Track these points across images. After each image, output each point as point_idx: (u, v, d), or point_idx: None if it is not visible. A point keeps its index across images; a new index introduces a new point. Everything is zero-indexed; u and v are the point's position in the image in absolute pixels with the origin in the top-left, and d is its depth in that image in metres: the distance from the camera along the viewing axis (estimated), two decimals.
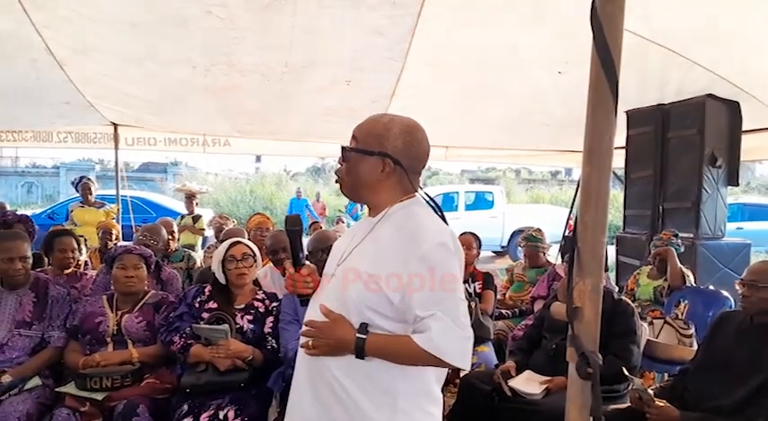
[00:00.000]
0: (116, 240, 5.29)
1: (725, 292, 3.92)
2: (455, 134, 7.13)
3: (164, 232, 4.59)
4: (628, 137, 5.61)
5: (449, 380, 3.37)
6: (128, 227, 7.28)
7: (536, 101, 5.48)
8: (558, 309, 3.18)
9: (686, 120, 4.98)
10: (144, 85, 5.51)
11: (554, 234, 7.77)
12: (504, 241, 13.44)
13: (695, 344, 3.46)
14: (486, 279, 4.30)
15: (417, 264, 1.45)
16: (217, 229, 6.30)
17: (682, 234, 4.55)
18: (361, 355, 1.48)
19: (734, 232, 6.54)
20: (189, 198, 7.74)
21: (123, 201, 7.79)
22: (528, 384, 2.97)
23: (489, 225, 13.12)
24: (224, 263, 3.03)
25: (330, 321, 1.54)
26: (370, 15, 3.74)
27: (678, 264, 4.19)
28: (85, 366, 2.83)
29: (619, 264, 5.93)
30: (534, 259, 5.06)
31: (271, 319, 3.00)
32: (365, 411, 1.49)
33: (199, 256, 5.57)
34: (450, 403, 3.19)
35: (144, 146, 7.60)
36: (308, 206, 15.18)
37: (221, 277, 3.04)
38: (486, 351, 3.86)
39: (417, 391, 1.54)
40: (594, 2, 1.44)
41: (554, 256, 4.87)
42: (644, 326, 3.42)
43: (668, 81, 4.69)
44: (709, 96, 4.73)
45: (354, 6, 3.63)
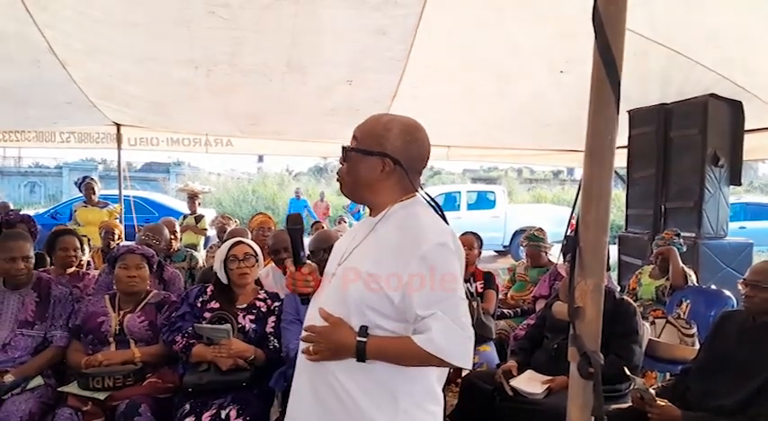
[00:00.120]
0: (119, 240, 5.30)
1: (727, 292, 3.91)
2: (457, 133, 7.11)
3: (166, 232, 4.60)
4: (630, 136, 5.60)
5: (450, 380, 3.37)
6: (130, 227, 7.28)
7: (538, 100, 5.47)
8: (560, 308, 3.18)
9: (688, 120, 4.98)
10: (146, 86, 5.52)
11: (556, 233, 7.78)
12: (506, 241, 13.43)
13: (697, 344, 3.46)
14: (487, 278, 4.30)
15: (418, 263, 1.45)
16: (219, 229, 6.30)
17: (684, 233, 4.54)
18: (362, 358, 1.48)
19: (736, 231, 6.51)
20: (191, 198, 7.74)
21: (126, 201, 7.81)
22: (529, 384, 2.97)
23: (491, 224, 13.11)
24: (226, 262, 3.03)
25: (330, 325, 1.53)
26: (371, 15, 3.74)
27: (680, 263, 4.19)
28: (88, 366, 2.84)
29: (621, 263, 5.92)
30: (536, 259, 5.06)
31: (272, 319, 3.00)
32: (366, 411, 1.49)
33: (201, 256, 5.58)
34: (452, 403, 3.20)
35: (146, 146, 7.63)
36: (306, 207, 15.09)
37: (223, 277, 3.04)
38: (488, 350, 3.87)
39: (419, 391, 1.53)
40: (596, 1, 1.43)
41: (556, 256, 4.86)
42: (646, 325, 3.41)
43: (670, 80, 4.68)
44: (712, 96, 4.72)
45: (356, 6, 3.63)
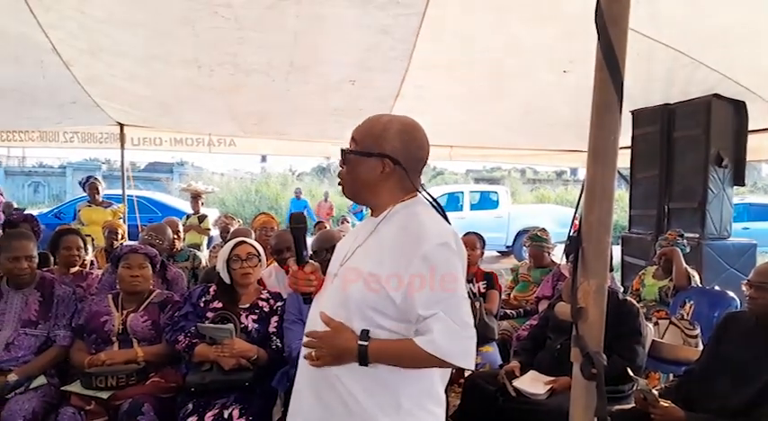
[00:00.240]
0: (122, 240, 5.30)
1: (731, 293, 3.90)
2: (460, 133, 7.12)
3: (169, 232, 4.60)
4: (633, 136, 5.60)
5: (453, 380, 3.37)
6: (134, 226, 7.30)
7: (541, 100, 5.47)
8: (563, 309, 3.18)
9: (692, 120, 4.97)
10: (150, 85, 5.53)
11: (559, 234, 7.75)
12: (509, 241, 13.41)
13: (700, 345, 3.45)
14: (490, 279, 4.30)
15: (419, 263, 1.45)
16: (222, 229, 6.31)
17: (687, 234, 4.54)
18: (364, 362, 1.48)
19: (740, 232, 6.50)
20: (194, 198, 7.75)
21: (129, 201, 7.83)
22: (532, 384, 2.97)
23: (494, 225, 13.10)
24: (229, 262, 3.03)
25: (331, 330, 1.53)
26: (374, 15, 3.74)
27: (684, 264, 4.18)
28: (91, 365, 2.84)
29: (624, 264, 5.91)
30: (539, 259, 5.05)
31: (275, 319, 3.00)
32: (368, 411, 1.49)
33: (204, 256, 5.59)
34: (455, 403, 3.20)
35: (150, 146, 7.64)
36: (306, 207, 15.09)
37: (226, 277, 3.04)
38: (491, 351, 3.87)
39: (421, 391, 1.53)
40: (599, 1, 1.43)
41: (559, 256, 4.85)
42: (649, 326, 3.40)
43: (674, 80, 4.67)
44: (715, 96, 4.72)
45: (359, 6, 3.63)
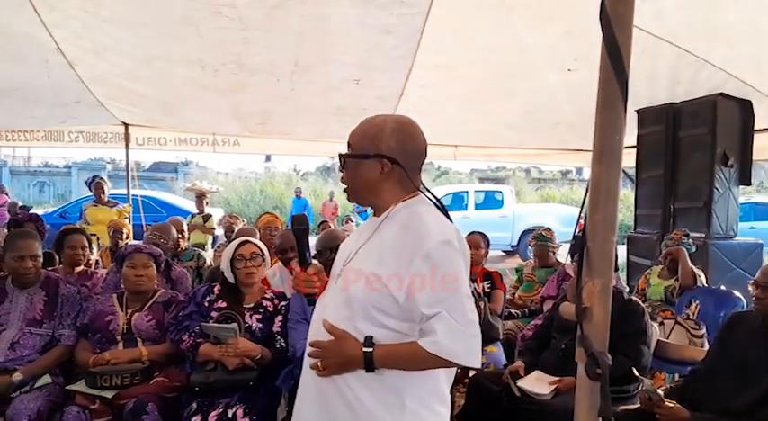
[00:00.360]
0: (127, 239, 5.33)
1: (736, 293, 3.89)
2: (464, 133, 7.10)
3: (174, 231, 4.61)
4: (638, 136, 5.57)
5: (458, 380, 3.36)
6: (138, 226, 7.33)
7: (546, 99, 5.45)
8: (568, 309, 3.17)
9: (698, 119, 4.94)
10: (154, 85, 5.54)
11: (564, 233, 7.74)
12: (514, 240, 13.37)
13: (706, 345, 3.43)
14: (494, 278, 4.29)
15: (421, 262, 1.45)
16: (227, 229, 6.32)
17: (693, 234, 4.51)
18: (370, 368, 1.48)
19: (746, 232, 6.46)
20: (199, 197, 7.77)
21: (134, 201, 7.85)
22: (537, 384, 2.96)
23: (499, 224, 13.06)
24: (233, 262, 3.04)
25: (335, 339, 1.53)
26: (378, 14, 3.73)
27: (689, 263, 4.16)
28: (95, 364, 2.85)
29: (629, 263, 5.89)
30: (544, 259, 5.04)
31: (279, 318, 3.00)
32: (372, 412, 1.49)
33: (209, 255, 5.59)
34: (459, 403, 3.19)
35: (154, 145, 7.65)
36: (306, 206, 15.08)
37: (230, 276, 3.05)
38: (496, 351, 3.86)
39: (426, 391, 1.53)
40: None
41: (564, 256, 4.84)
42: (654, 326, 3.39)
43: (679, 79, 4.64)
44: (721, 95, 4.68)
45: (363, 5, 3.63)
